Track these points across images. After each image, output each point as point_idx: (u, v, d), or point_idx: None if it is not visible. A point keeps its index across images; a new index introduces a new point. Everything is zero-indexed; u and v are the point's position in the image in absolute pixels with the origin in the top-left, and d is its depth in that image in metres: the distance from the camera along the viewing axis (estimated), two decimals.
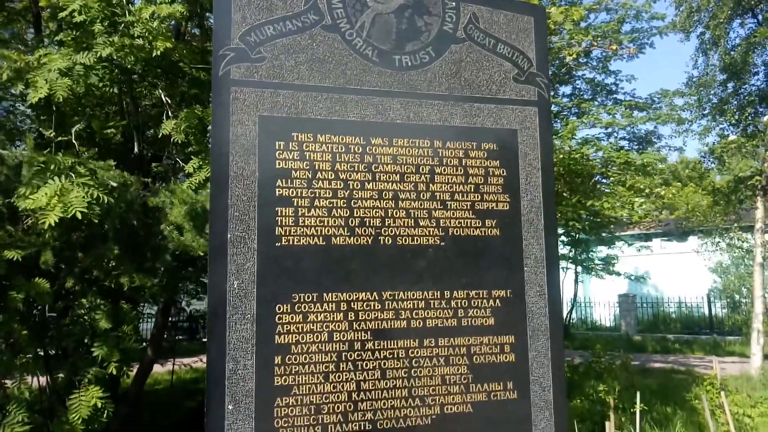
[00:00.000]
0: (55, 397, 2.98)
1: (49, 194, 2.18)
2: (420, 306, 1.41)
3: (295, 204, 1.36)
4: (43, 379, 4.27)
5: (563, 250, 16.38)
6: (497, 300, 1.46)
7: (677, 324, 17.78)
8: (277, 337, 1.30)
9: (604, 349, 11.79)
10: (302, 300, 1.34)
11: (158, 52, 3.05)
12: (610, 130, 12.01)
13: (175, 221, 2.52)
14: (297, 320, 1.32)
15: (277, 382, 1.29)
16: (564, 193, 12.40)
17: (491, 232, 1.48)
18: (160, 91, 3.83)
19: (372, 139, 1.44)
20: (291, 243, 1.34)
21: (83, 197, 2.23)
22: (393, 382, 1.37)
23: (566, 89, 12.78)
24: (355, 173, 1.41)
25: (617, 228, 16.51)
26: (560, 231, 15.11)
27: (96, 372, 2.56)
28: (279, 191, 1.35)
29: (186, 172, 3.34)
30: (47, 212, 2.18)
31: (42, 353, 2.50)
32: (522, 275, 1.49)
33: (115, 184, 2.47)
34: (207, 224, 2.53)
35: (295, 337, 1.32)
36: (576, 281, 17.10)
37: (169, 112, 3.81)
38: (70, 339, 2.69)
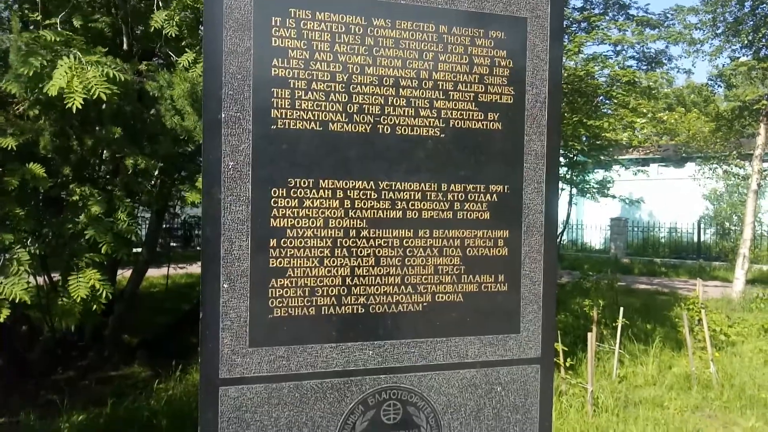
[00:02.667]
0: (53, 293, 3.05)
1: (68, 76, 2.11)
2: (416, 197, 1.41)
3: (292, 86, 1.32)
4: (41, 279, 4.38)
5: (560, 171, 16.38)
6: (494, 195, 1.46)
7: (666, 249, 18.21)
8: (272, 220, 1.31)
9: (592, 269, 12.15)
10: (298, 185, 1.33)
11: None
12: (619, 47, 11.62)
13: (176, 103, 2.47)
14: (292, 205, 1.32)
15: (272, 264, 1.31)
16: (565, 113, 12.20)
17: (493, 125, 1.45)
18: None
19: (374, 20, 1.37)
20: (287, 126, 1.31)
21: (101, 76, 2.16)
22: (386, 270, 1.39)
23: (577, 2, 12.23)
24: (354, 56, 1.36)
25: (616, 151, 16.43)
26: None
27: (93, 256, 2.61)
28: (275, 71, 1.30)
29: (181, 66, 3.23)
30: (70, 95, 2.12)
31: (39, 252, 2.52)
32: (521, 171, 1.48)
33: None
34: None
35: (291, 221, 1.32)
36: (570, 203, 17.26)
37: (159, 2, 3.62)
38: (66, 224, 2.71)
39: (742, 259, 9.74)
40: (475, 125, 1.44)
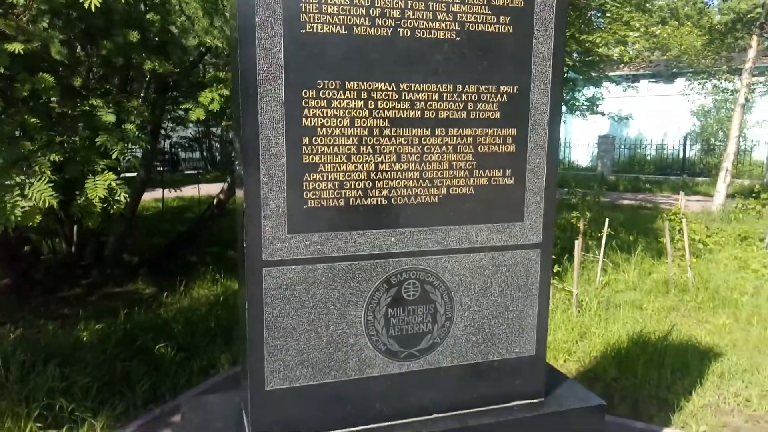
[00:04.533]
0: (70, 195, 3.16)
1: None
2: (434, 98, 1.54)
3: None
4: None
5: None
6: (504, 95, 1.60)
7: (652, 166, 18.56)
8: (303, 119, 1.44)
9: (579, 186, 12.44)
10: (326, 87, 1.45)
11: None
12: None
13: (186, 9, 2.51)
14: (322, 105, 1.45)
15: (305, 160, 1.46)
16: None
17: (504, 29, 1.56)
18: None
19: None
20: (315, 30, 1.42)
21: None
22: (406, 165, 1.55)
23: None
24: None
25: (607, 67, 16.31)
26: None
27: (107, 162, 2.74)
28: None
29: None
30: None
31: (56, 159, 2.61)
32: (529, 72, 1.61)
33: None
34: (217, 16, 2.53)
35: (321, 120, 1.46)
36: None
37: None
38: (78, 132, 2.79)
39: (724, 172, 10.06)
40: (488, 28, 1.55)
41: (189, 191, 9.96)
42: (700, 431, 3.08)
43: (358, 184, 1.52)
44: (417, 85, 1.52)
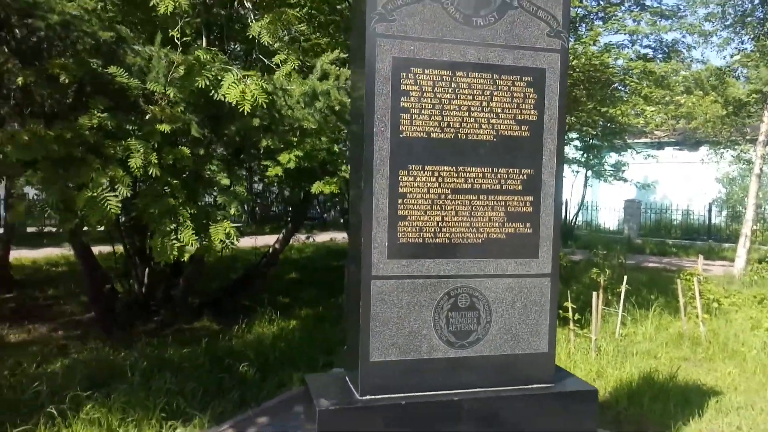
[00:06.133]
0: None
1: (237, 89, 3.17)
2: (479, 176, 2.47)
3: (411, 111, 2.37)
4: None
5: (576, 154, 17.28)
6: (524, 175, 2.52)
7: (678, 230, 19.10)
8: (399, 188, 2.37)
9: (605, 249, 13.10)
10: (413, 169, 2.39)
11: None
12: (634, 37, 12.43)
13: (290, 101, 3.55)
14: (410, 180, 2.39)
15: (399, 213, 2.38)
16: (582, 99, 13.10)
17: (524, 134, 2.50)
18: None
19: (457, 72, 2.41)
20: (408, 135, 2.37)
21: (257, 87, 3.23)
22: (461, 218, 2.46)
23: None
24: (445, 94, 2.41)
25: (631, 135, 17.24)
26: (575, 135, 15.95)
27: (224, 214, 3.72)
28: (402, 104, 2.36)
29: (274, 64, 4.28)
30: (240, 101, 3.19)
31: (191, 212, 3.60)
32: (540, 161, 2.53)
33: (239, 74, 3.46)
34: (316, 100, 3.57)
35: (409, 189, 2.39)
36: (585, 185, 18.18)
37: (252, 17, 4.67)
38: (203, 192, 3.77)
39: (744, 238, 10.68)
40: (514, 133, 2.48)
41: (246, 241, 11.04)
42: None
43: (431, 229, 2.42)
44: (468, 168, 2.45)
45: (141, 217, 3.82)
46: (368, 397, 2.39)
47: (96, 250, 6.82)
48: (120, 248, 7.78)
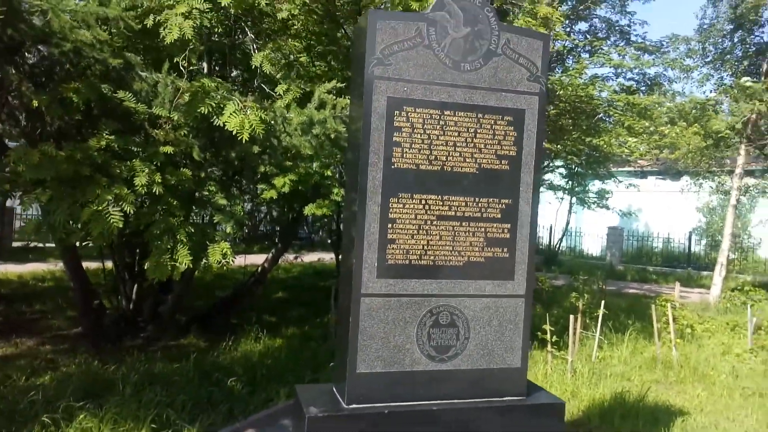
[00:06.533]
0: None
1: (237, 118, 3.42)
2: (462, 205, 2.73)
3: (402, 145, 2.64)
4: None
5: (561, 181, 17.73)
6: (503, 204, 2.79)
7: (659, 258, 19.55)
8: (389, 214, 2.63)
9: (587, 274, 13.43)
10: (402, 197, 2.65)
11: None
12: (618, 70, 12.95)
13: (288, 128, 3.81)
14: (399, 207, 2.64)
15: (389, 237, 2.63)
16: (568, 128, 13.54)
17: (504, 167, 2.78)
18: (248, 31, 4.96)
19: (445, 111, 2.69)
20: (398, 167, 2.63)
21: (255, 117, 3.49)
22: (444, 242, 2.71)
23: (583, 26, 13.58)
24: (433, 130, 2.68)
25: (615, 164, 17.73)
26: (560, 163, 16.39)
27: (222, 234, 3.94)
28: (395, 138, 2.62)
29: (277, 93, 4.56)
30: (239, 130, 3.44)
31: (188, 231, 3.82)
32: (518, 192, 2.80)
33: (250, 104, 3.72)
34: (313, 128, 3.84)
35: (398, 215, 2.64)
36: (570, 211, 18.61)
37: (255, 48, 4.96)
38: (201, 209, 4.00)
39: (720, 266, 11.07)
40: (494, 167, 2.76)
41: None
42: None
43: (417, 252, 2.68)
44: (453, 197, 2.72)
45: (142, 234, 4.04)
46: (354, 405, 2.61)
47: (84, 265, 6.95)
48: (108, 264, 7.93)
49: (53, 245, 8.78)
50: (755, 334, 7.98)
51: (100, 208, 3.54)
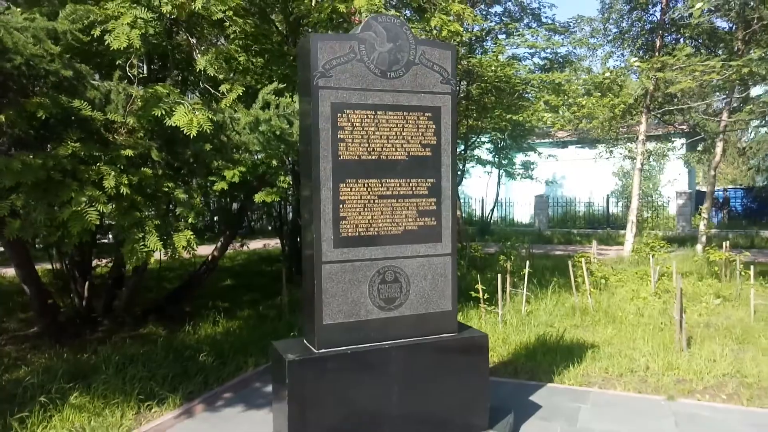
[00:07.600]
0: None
1: (187, 117, 3.97)
2: (397, 186, 3.46)
3: (345, 141, 3.33)
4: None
5: (488, 156, 18.91)
6: (429, 182, 3.54)
7: (582, 221, 21.24)
8: (340, 196, 3.32)
9: (518, 241, 14.61)
10: (349, 182, 3.35)
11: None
12: (533, 50, 14.05)
13: (236, 127, 4.40)
14: (347, 191, 3.34)
15: (341, 215, 3.33)
16: (490, 105, 14.58)
17: (427, 154, 3.53)
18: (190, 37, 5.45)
19: (378, 111, 3.40)
20: (344, 158, 3.33)
21: (203, 116, 4.04)
22: (385, 216, 3.44)
23: (498, 8, 14.57)
24: (370, 127, 3.39)
25: (537, 136, 19.06)
26: (486, 139, 17.52)
27: (185, 224, 4.51)
28: (339, 135, 3.31)
29: (221, 92, 5.10)
30: (188, 128, 3.99)
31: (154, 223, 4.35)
32: (440, 173, 3.56)
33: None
34: (260, 126, 4.44)
35: (347, 197, 3.34)
36: (498, 183, 19.87)
37: (198, 52, 5.47)
38: (161, 203, 4.54)
39: (630, 224, 12.46)
40: (420, 154, 3.51)
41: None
42: (567, 383, 4.96)
43: (364, 225, 3.39)
44: (389, 180, 3.44)
45: (111, 228, 4.53)
46: (323, 350, 3.33)
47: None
48: (57, 265, 8.17)
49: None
50: (659, 280, 9.28)
51: (79, 208, 4.03)
